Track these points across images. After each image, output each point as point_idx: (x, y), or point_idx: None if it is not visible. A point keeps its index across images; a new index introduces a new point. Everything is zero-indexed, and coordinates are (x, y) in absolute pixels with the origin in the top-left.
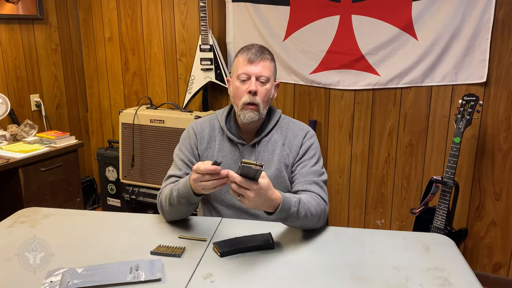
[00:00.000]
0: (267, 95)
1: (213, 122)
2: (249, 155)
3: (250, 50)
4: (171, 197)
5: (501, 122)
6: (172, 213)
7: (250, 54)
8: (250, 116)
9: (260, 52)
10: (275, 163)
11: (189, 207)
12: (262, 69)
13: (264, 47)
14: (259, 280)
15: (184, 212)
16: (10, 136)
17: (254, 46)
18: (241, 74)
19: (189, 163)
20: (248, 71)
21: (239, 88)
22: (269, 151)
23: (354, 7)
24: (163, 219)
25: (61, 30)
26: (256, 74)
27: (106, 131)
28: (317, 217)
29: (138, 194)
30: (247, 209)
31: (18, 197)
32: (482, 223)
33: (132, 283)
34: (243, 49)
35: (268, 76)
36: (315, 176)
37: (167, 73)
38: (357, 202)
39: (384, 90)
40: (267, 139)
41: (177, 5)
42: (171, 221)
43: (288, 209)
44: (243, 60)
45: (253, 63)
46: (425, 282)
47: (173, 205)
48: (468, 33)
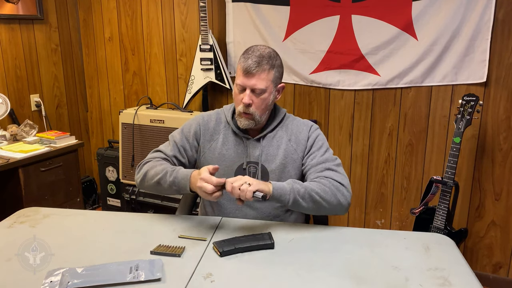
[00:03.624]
0: (264, 104)
1: (220, 115)
2: (253, 148)
3: (248, 59)
4: (163, 179)
5: (501, 122)
6: (154, 189)
7: (247, 65)
8: (246, 124)
9: (257, 63)
10: (279, 158)
11: (174, 193)
12: (257, 81)
13: (265, 54)
14: (259, 280)
15: (165, 192)
16: (10, 136)
17: (254, 54)
18: (237, 84)
19: (181, 148)
20: (244, 83)
21: (236, 95)
22: (273, 146)
23: (354, 7)
24: (163, 219)
25: (61, 30)
26: (250, 86)
27: (106, 131)
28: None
29: (138, 194)
30: (249, 203)
31: (18, 197)
32: (482, 223)
33: (132, 283)
34: (244, 55)
35: (263, 87)
36: (326, 163)
37: (167, 73)
38: (357, 202)
39: (384, 90)
40: (272, 135)
41: (177, 5)
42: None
43: (282, 187)
44: (240, 69)
45: (248, 75)
46: (425, 282)
47: (161, 185)
48: (468, 33)
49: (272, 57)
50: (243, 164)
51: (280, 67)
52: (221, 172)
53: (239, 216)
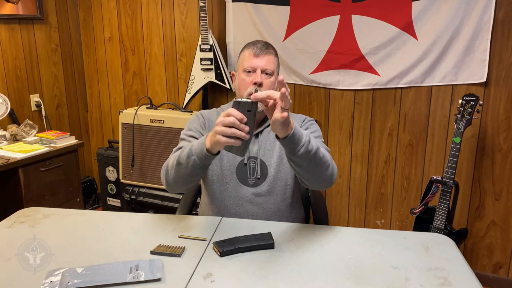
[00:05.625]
0: (272, 88)
1: (220, 112)
2: (252, 144)
3: (256, 45)
4: (181, 156)
5: (501, 122)
6: (176, 173)
7: (255, 49)
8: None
9: (265, 47)
10: (276, 151)
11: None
12: (267, 62)
13: (269, 43)
14: (259, 280)
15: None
16: (10, 136)
17: (259, 41)
18: (247, 67)
19: (198, 137)
20: (254, 64)
21: (244, 80)
22: (270, 140)
23: (354, 7)
24: (163, 219)
25: (61, 30)
26: (261, 67)
27: (106, 131)
28: (327, 162)
29: (138, 194)
30: (250, 199)
31: (18, 197)
32: (482, 223)
33: (132, 283)
34: (248, 44)
35: (273, 69)
36: (318, 142)
37: (167, 73)
38: (357, 202)
39: (384, 90)
40: (269, 129)
41: (177, 5)
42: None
43: (300, 133)
44: (249, 54)
45: (259, 56)
46: (425, 282)
47: (180, 164)
48: (468, 33)
49: (273, 47)
50: (244, 160)
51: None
52: (223, 168)
53: (240, 212)
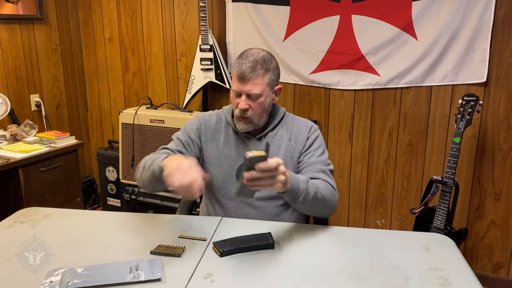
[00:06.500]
0: (261, 107)
1: (220, 115)
2: (255, 147)
3: (243, 65)
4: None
5: (501, 122)
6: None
7: (241, 71)
8: (244, 127)
9: (251, 68)
10: (280, 156)
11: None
12: (252, 87)
13: (259, 59)
14: (259, 280)
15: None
16: (10, 136)
17: (247, 59)
18: (234, 88)
19: (185, 143)
20: (239, 88)
21: (233, 99)
22: (274, 145)
23: (354, 7)
24: (163, 219)
25: (61, 30)
26: (245, 92)
27: (106, 131)
28: (328, 200)
29: (138, 194)
30: (250, 201)
31: (18, 197)
32: (482, 223)
33: (132, 283)
34: (238, 60)
35: (259, 92)
36: (322, 165)
37: (167, 73)
38: (357, 202)
39: (384, 90)
40: (273, 133)
41: (177, 5)
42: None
43: (297, 186)
44: (235, 74)
45: (243, 80)
46: (425, 282)
47: (145, 168)
48: (468, 33)
49: (266, 61)
50: None
51: (276, 69)
52: (223, 171)
53: (241, 215)
